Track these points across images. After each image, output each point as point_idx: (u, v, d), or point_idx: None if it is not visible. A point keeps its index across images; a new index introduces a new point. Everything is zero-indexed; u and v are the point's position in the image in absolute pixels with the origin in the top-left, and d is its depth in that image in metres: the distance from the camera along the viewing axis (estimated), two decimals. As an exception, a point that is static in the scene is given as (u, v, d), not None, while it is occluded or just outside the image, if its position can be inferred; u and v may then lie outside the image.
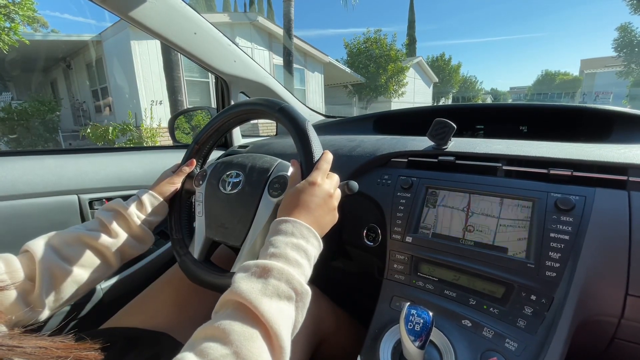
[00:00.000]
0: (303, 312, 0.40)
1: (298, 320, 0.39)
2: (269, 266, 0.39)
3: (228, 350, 0.31)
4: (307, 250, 0.44)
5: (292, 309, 0.38)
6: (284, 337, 0.35)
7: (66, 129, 9.36)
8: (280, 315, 0.35)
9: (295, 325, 0.39)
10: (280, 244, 0.42)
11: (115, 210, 0.61)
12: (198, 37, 0.94)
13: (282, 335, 0.34)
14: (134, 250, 0.62)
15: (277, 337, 0.34)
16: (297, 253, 0.42)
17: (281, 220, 0.46)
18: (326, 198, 0.50)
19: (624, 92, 20.28)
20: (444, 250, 0.60)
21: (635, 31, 18.64)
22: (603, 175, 0.54)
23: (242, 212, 0.62)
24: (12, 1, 6.90)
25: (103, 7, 0.77)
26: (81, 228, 0.57)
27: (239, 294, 0.36)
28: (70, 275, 0.52)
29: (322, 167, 0.53)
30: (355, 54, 15.53)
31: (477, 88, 41.83)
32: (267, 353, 0.33)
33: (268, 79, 1.19)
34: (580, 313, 0.48)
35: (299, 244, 0.43)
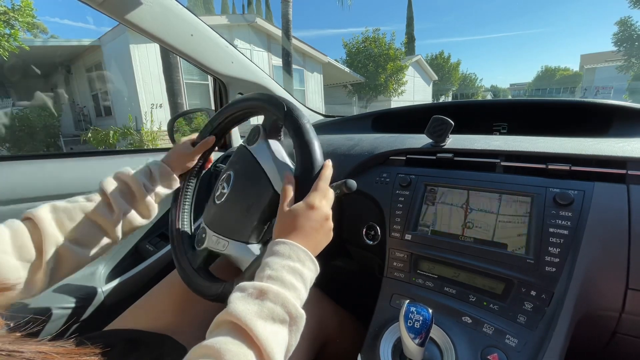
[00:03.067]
0: (297, 336, 0.40)
1: (291, 344, 0.39)
2: (265, 289, 0.39)
3: None
4: (303, 274, 0.44)
5: (286, 332, 0.38)
6: (278, 359, 0.35)
7: (67, 134, 9.39)
8: (274, 338, 0.36)
9: (289, 349, 0.39)
10: (276, 266, 0.42)
11: (121, 181, 0.61)
12: (195, 39, 0.94)
13: (275, 357, 0.35)
14: (136, 224, 0.62)
15: (271, 359, 0.34)
16: (293, 276, 0.42)
17: (278, 241, 0.46)
18: (323, 222, 0.50)
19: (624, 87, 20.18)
20: (444, 247, 0.60)
21: (635, 25, 18.56)
22: (602, 170, 0.53)
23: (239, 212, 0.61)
24: (11, 8, 6.93)
25: (100, 10, 0.77)
26: (84, 200, 0.57)
27: (234, 315, 0.36)
28: (74, 255, 0.52)
29: (321, 188, 0.51)
30: (354, 54, 15.53)
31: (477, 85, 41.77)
32: None
33: (266, 79, 1.19)
34: (580, 308, 0.48)
35: (296, 268, 0.43)
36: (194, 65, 1.01)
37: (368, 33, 15.20)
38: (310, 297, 0.68)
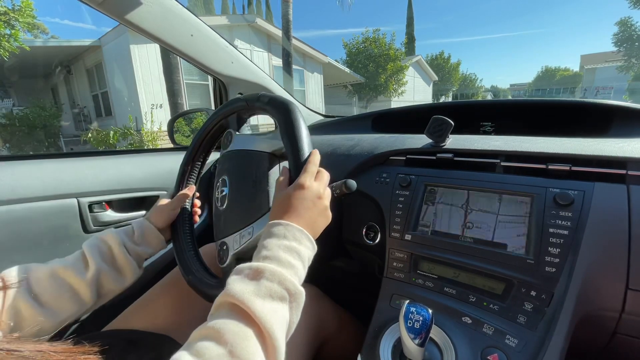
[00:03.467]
0: (297, 312, 0.40)
1: (292, 321, 0.39)
2: (261, 268, 0.39)
3: (223, 349, 0.31)
4: (300, 252, 0.44)
5: (286, 309, 0.38)
6: (278, 336, 0.35)
7: (67, 134, 9.40)
8: (273, 316, 0.36)
9: (290, 326, 0.39)
10: (272, 247, 0.43)
11: (102, 240, 0.58)
12: (195, 39, 0.94)
13: (275, 334, 0.35)
14: (114, 285, 0.57)
15: (271, 336, 0.34)
16: (289, 255, 0.42)
17: (273, 223, 0.46)
18: (315, 200, 0.50)
19: (624, 87, 20.17)
20: (444, 247, 0.60)
21: (635, 25, 18.55)
22: (602, 170, 0.53)
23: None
24: (12, 8, 6.94)
25: (100, 10, 0.77)
26: (60, 261, 0.54)
27: (232, 295, 0.36)
28: (36, 315, 0.47)
29: (310, 170, 0.52)
30: (354, 54, 15.53)
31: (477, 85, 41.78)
32: (260, 352, 0.33)
33: (266, 79, 1.19)
34: (580, 308, 0.48)
35: (292, 246, 0.43)
36: (194, 65, 1.01)
37: (368, 33, 15.21)
38: (310, 297, 0.69)
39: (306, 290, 0.70)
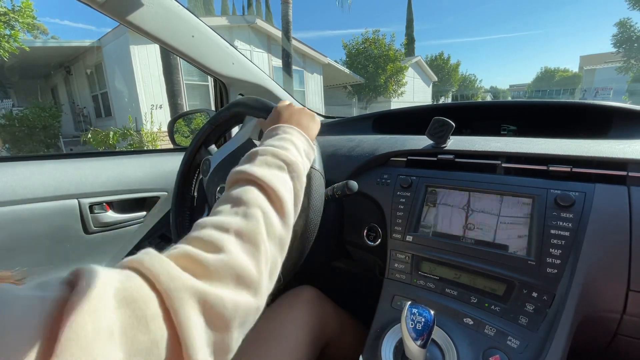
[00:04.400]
0: (300, 181, 0.42)
1: (297, 188, 0.41)
2: (254, 151, 0.42)
3: (228, 204, 0.35)
4: (291, 139, 0.46)
5: (287, 176, 0.40)
6: (282, 191, 0.37)
7: (67, 135, 9.39)
8: (275, 178, 0.38)
9: (297, 194, 0.41)
10: (264, 144, 0.45)
11: None
12: (196, 40, 0.94)
13: (278, 188, 0.37)
14: None
15: (274, 190, 0.37)
16: (280, 141, 0.45)
17: (265, 134, 0.50)
18: (298, 109, 0.54)
19: (624, 88, 20.21)
20: (445, 248, 0.60)
21: (634, 26, 18.58)
22: (602, 171, 0.53)
23: None
24: (12, 9, 6.94)
25: (101, 11, 0.77)
26: None
27: (232, 174, 0.39)
28: None
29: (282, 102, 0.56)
30: (354, 55, 15.54)
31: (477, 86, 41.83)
32: (264, 199, 0.36)
33: (266, 80, 1.19)
34: (582, 309, 0.48)
35: (282, 137, 0.46)
36: (195, 66, 1.01)
37: (368, 34, 15.22)
38: (312, 298, 0.69)
39: (308, 292, 0.71)
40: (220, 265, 0.29)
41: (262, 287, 0.31)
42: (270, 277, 0.33)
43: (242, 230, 0.32)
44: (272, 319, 0.63)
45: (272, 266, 0.34)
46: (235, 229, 0.32)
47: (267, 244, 0.34)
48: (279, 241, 0.36)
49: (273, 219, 0.35)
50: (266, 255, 0.33)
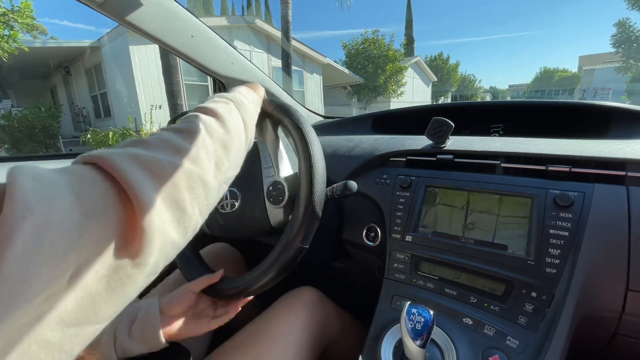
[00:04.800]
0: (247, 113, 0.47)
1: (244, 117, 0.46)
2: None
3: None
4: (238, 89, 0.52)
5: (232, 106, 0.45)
6: (221, 111, 0.42)
7: (66, 135, 9.38)
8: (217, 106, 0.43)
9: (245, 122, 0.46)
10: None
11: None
12: (195, 40, 0.94)
13: (218, 110, 0.42)
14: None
15: (214, 110, 0.42)
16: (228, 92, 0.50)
17: None
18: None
19: (623, 88, 20.25)
20: (444, 248, 0.60)
21: (633, 27, 18.61)
22: (601, 171, 0.54)
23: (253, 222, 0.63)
24: (11, 9, 6.93)
25: (100, 12, 0.77)
26: None
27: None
28: None
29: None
30: (354, 55, 15.55)
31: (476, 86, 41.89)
32: (203, 116, 0.40)
33: (266, 80, 1.19)
34: (581, 309, 0.48)
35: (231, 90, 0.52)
36: (194, 66, 1.01)
37: (367, 34, 15.23)
38: (313, 300, 0.69)
39: (308, 293, 0.71)
40: (156, 140, 0.33)
41: (203, 162, 0.35)
42: (217, 166, 0.37)
43: (179, 127, 0.37)
44: (272, 320, 0.63)
45: (216, 157, 0.37)
46: (173, 127, 0.37)
47: (207, 137, 0.37)
48: (221, 142, 0.39)
49: (213, 125, 0.39)
50: (204, 142, 0.36)
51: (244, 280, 0.56)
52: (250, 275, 0.56)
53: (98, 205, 0.25)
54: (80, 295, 0.22)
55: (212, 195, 0.36)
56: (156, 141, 0.33)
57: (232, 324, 0.62)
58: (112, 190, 0.26)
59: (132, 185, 0.26)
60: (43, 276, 0.20)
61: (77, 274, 0.22)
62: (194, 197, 0.32)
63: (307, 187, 0.53)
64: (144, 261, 0.26)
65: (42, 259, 0.20)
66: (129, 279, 0.26)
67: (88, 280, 0.23)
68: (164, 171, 0.30)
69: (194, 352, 0.62)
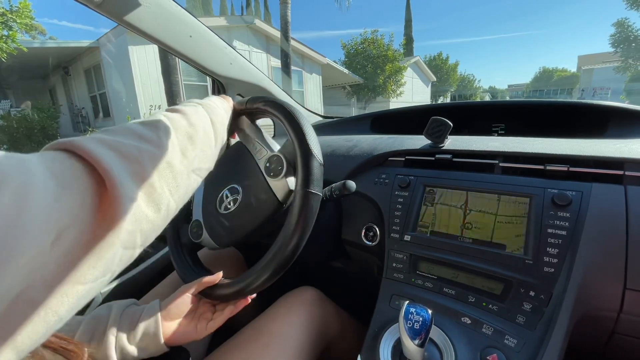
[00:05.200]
0: (215, 114, 0.51)
1: (212, 119, 0.49)
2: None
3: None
4: (208, 97, 0.56)
5: (200, 108, 0.49)
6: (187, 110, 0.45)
7: (65, 135, 9.35)
8: (184, 107, 0.46)
9: (213, 122, 0.49)
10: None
11: (98, 320, 0.51)
12: (194, 40, 0.94)
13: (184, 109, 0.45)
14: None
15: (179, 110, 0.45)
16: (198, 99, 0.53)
17: None
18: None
19: (622, 88, 20.29)
20: (443, 247, 0.60)
21: (631, 26, 18.65)
22: (599, 170, 0.54)
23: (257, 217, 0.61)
24: (10, 9, 6.92)
25: (98, 12, 0.77)
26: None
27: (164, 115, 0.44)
28: None
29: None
30: (353, 55, 15.56)
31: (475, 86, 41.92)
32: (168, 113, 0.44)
33: (265, 81, 1.19)
34: (579, 308, 0.48)
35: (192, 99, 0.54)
36: (193, 66, 1.01)
37: (367, 34, 15.23)
38: (313, 300, 0.69)
39: (308, 293, 0.71)
40: (120, 128, 0.36)
41: (166, 146, 0.37)
42: (183, 153, 0.40)
43: (143, 120, 0.39)
44: (273, 320, 0.63)
45: (181, 147, 0.40)
46: (138, 121, 0.39)
47: (170, 128, 0.40)
48: (186, 133, 0.42)
49: (177, 119, 0.42)
50: (168, 133, 0.39)
51: (240, 281, 0.56)
52: (245, 276, 0.55)
53: (70, 177, 0.27)
54: (63, 260, 0.24)
55: (180, 178, 0.38)
56: (120, 129, 0.36)
57: (232, 324, 0.62)
58: (81, 166, 0.28)
59: (99, 160, 0.28)
60: (28, 236, 0.22)
61: (58, 238, 0.24)
62: (161, 177, 0.35)
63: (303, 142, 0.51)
64: (119, 227, 0.28)
65: (25, 220, 0.22)
66: (107, 245, 0.27)
67: (69, 245, 0.25)
68: (128, 151, 0.32)
69: (194, 352, 0.62)
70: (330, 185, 0.63)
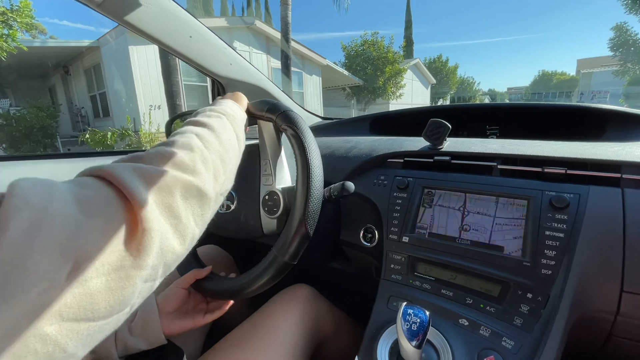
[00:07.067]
0: (238, 127, 0.49)
1: (236, 131, 0.48)
2: (196, 111, 0.48)
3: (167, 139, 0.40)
4: (225, 102, 0.52)
5: (226, 121, 0.47)
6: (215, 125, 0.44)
7: (65, 135, 9.36)
8: (211, 120, 0.45)
9: (237, 136, 0.48)
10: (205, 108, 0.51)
11: None
12: (194, 41, 0.94)
13: (213, 124, 0.44)
14: None
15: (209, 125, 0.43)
16: (216, 105, 0.51)
17: None
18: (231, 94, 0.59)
19: (620, 91, 20.35)
20: (441, 249, 0.60)
21: (630, 30, 18.72)
22: (597, 173, 0.54)
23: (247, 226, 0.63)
24: (10, 8, 6.92)
25: (99, 12, 0.77)
26: None
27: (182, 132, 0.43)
28: None
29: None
30: (353, 57, 15.58)
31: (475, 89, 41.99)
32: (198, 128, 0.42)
33: (265, 81, 1.20)
34: (576, 310, 0.48)
35: (218, 102, 0.53)
36: (193, 67, 1.01)
37: (367, 36, 15.26)
38: (307, 296, 0.70)
39: (303, 290, 0.72)
40: (154, 154, 0.34)
41: (202, 174, 0.36)
42: (215, 177, 0.39)
43: (176, 141, 0.38)
44: (267, 316, 0.64)
45: (214, 168, 0.39)
46: (170, 141, 0.38)
47: (204, 150, 0.38)
48: (219, 155, 0.41)
49: (210, 139, 0.41)
50: (202, 155, 0.38)
51: (231, 284, 0.57)
52: (237, 281, 0.57)
53: (96, 204, 0.26)
54: (79, 291, 0.23)
55: (207, 206, 0.37)
56: (155, 155, 0.34)
57: (227, 322, 0.62)
58: (110, 192, 0.27)
59: (129, 189, 0.27)
60: (39, 266, 0.21)
61: (76, 269, 0.22)
62: (188, 206, 0.34)
63: (301, 207, 0.52)
64: (143, 263, 0.27)
65: (38, 248, 0.21)
66: (127, 280, 0.26)
67: (87, 277, 0.23)
68: (162, 182, 0.31)
69: (189, 350, 0.62)
70: (329, 186, 0.64)
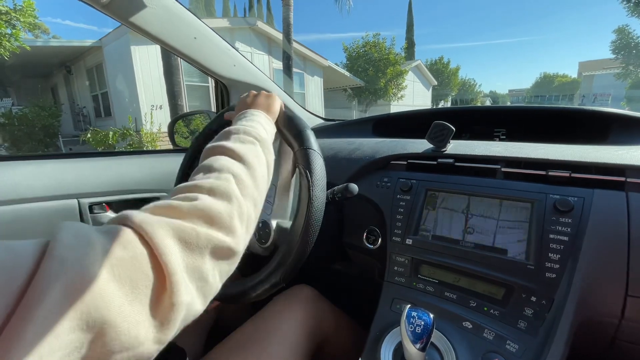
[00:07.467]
0: (270, 154, 0.48)
1: (269, 160, 0.47)
2: (227, 130, 0.47)
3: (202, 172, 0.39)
4: (258, 120, 0.51)
5: (259, 149, 0.45)
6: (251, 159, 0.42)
7: (66, 134, 9.37)
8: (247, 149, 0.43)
9: (268, 165, 0.46)
10: (236, 123, 0.51)
11: None
12: (198, 42, 0.94)
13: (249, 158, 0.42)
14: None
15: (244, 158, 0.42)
16: (249, 122, 0.50)
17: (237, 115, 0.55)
18: (259, 93, 0.59)
19: (622, 94, 20.33)
20: (444, 252, 0.60)
21: (632, 33, 18.68)
22: (601, 177, 0.54)
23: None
24: (13, 8, 6.95)
25: (104, 12, 0.78)
26: None
27: (206, 149, 0.44)
28: None
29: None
30: (354, 58, 15.58)
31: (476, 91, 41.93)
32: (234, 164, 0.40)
33: (267, 82, 1.20)
34: (580, 314, 0.48)
35: (251, 118, 0.52)
36: (197, 67, 1.02)
37: (368, 38, 15.27)
38: (308, 297, 0.70)
39: (304, 291, 0.72)
40: (191, 208, 0.32)
41: (237, 232, 0.34)
42: (247, 229, 0.37)
43: (213, 186, 0.35)
44: (269, 317, 0.64)
45: (247, 220, 0.37)
46: (208, 187, 0.35)
47: (241, 199, 0.37)
48: (253, 200, 0.39)
49: (245, 180, 0.39)
50: (239, 207, 0.36)
51: (231, 289, 0.57)
52: (229, 289, 0.57)
53: (128, 269, 0.25)
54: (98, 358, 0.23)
55: (235, 263, 0.35)
56: (193, 210, 0.32)
57: (229, 322, 0.62)
58: (144, 254, 0.27)
59: (164, 255, 0.27)
60: (62, 337, 0.21)
61: (98, 338, 0.22)
62: (216, 266, 0.32)
63: (301, 240, 0.52)
64: (165, 337, 0.27)
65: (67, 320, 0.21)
66: (145, 345, 0.26)
67: (107, 349, 0.23)
68: (195, 241, 0.30)
69: (191, 351, 0.62)
70: (333, 188, 0.64)
